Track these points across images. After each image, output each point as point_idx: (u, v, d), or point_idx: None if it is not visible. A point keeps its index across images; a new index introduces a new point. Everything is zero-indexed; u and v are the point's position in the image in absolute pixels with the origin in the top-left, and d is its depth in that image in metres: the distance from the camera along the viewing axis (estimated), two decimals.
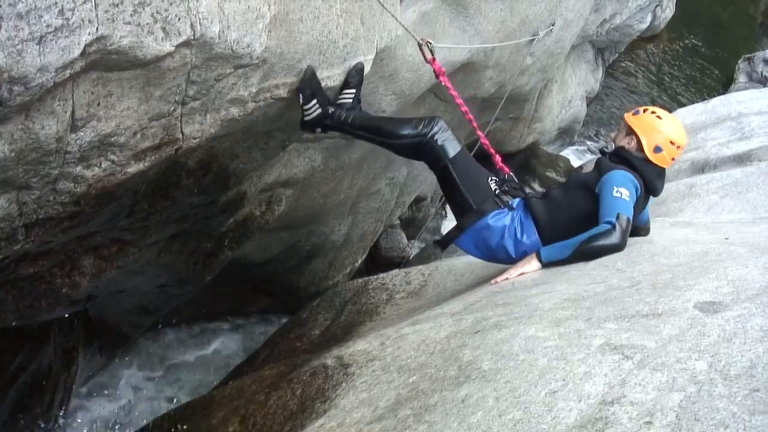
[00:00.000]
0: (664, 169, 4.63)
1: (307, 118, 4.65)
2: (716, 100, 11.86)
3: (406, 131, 4.68)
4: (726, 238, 4.64)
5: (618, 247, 4.15)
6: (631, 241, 4.61)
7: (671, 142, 4.50)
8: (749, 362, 2.35)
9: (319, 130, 4.79)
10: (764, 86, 16.70)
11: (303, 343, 5.66)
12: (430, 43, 5.08)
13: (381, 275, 6.23)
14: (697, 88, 19.28)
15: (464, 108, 5.23)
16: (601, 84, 16.83)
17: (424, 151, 4.69)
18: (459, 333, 3.42)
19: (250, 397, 4.14)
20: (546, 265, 4.26)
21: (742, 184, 7.63)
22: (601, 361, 2.60)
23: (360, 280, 6.32)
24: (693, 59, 20.53)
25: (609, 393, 2.36)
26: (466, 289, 4.65)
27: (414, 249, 10.82)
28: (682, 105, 15.96)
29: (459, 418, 2.61)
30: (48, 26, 2.78)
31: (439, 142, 4.61)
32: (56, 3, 2.76)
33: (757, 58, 19.19)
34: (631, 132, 4.58)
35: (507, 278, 4.23)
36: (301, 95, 4.46)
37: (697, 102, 14.01)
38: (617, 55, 17.79)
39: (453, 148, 4.63)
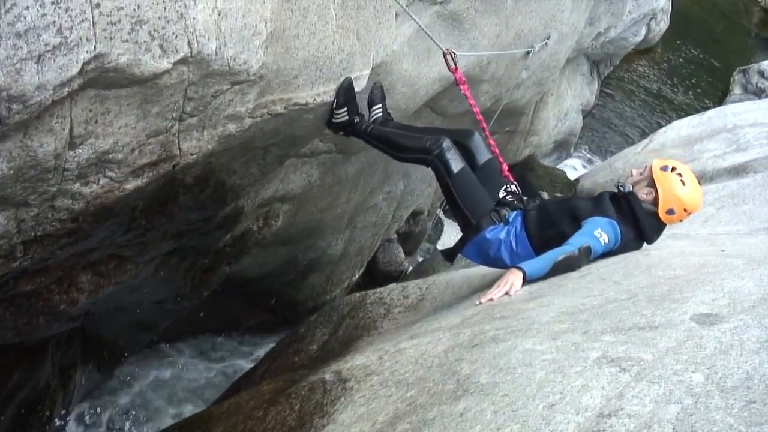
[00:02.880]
0: (665, 224, 4.77)
1: (334, 120, 5.01)
2: (712, 112, 11.86)
3: (414, 147, 5.00)
4: (722, 250, 4.65)
5: (576, 268, 4.37)
6: (628, 253, 4.67)
7: (685, 209, 4.64)
8: (746, 374, 2.36)
9: (342, 133, 5.14)
10: (759, 98, 16.74)
11: (301, 358, 5.65)
12: (454, 54, 5.39)
13: (378, 289, 6.23)
14: (692, 100, 19.33)
15: (480, 117, 5.63)
16: (596, 96, 16.88)
17: (431, 167, 4.98)
18: (457, 347, 3.43)
19: (248, 413, 4.14)
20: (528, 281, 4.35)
21: (738, 196, 7.65)
22: (599, 374, 2.61)
23: (357, 295, 6.32)
24: (688, 71, 20.59)
25: (606, 406, 2.37)
26: (463, 303, 4.66)
27: (411, 263, 10.82)
28: (677, 117, 15.98)
29: None
30: (46, 45, 2.79)
31: (442, 162, 4.87)
32: (54, 22, 2.78)
33: (751, 70, 19.23)
34: (653, 185, 4.65)
35: (491, 299, 4.26)
36: (335, 100, 4.81)
37: (693, 114, 14.03)
38: (612, 67, 17.85)
39: (455, 167, 4.86)
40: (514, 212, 4.84)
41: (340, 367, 3.93)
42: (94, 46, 2.99)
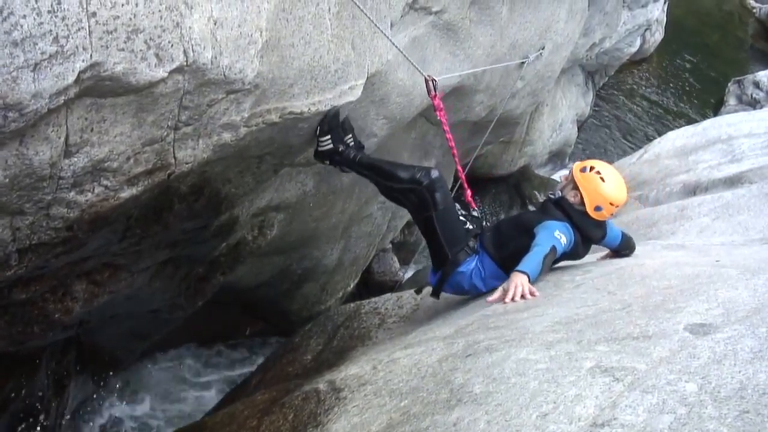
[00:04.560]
0: (604, 222, 5.01)
1: (320, 149, 5.11)
2: (707, 123, 11.89)
3: (405, 176, 5.02)
4: (717, 261, 4.66)
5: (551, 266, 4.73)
6: (621, 263, 4.72)
7: (611, 203, 4.87)
8: (739, 384, 2.36)
9: (328, 162, 5.20)
10: (754, 108, 16.77)
11: (295, 368, 5.65)
12: (435, 81, 5.38)
13: (373, 299, 6.24)
14: (687, 111, 19.36)
15: (452, 143, 5.60)
16: (591, 107, 16.90)
17: (416, 197, 4.99)
18: (451, 356, 3.43)
19: (242, 423, 4.13)
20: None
21: (733, 207, 7.66)
22: (592, 383, 2.61)
23: (352, 305, 6.33)
24: (683, 82, 20.62)
25: (600, 415, 2.37)
26: (457, 313, 4.67)
27: (406, 273, 10.82)
28: (672, 127, 16.02)
29: None
30: (43, 53, 2.80)
31: (431, 194, 4.92)
32: (51, 30, 2.79)
33: (747, 80, 19.26)
34: (576, 187, 4.92)
35: (504, 301, 4.28)
36: (319, 128, 4.90)
37: (688, 124, 14.06)
38: (607, 78, 17.88)
39: (442, 201, 4.95)
40: (477, 240, 5.03)
41: (334, 377, 3.93)
42: (90, 55, 2.99)
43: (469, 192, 5.60)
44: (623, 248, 5.31)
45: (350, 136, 5.23)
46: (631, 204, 9.32)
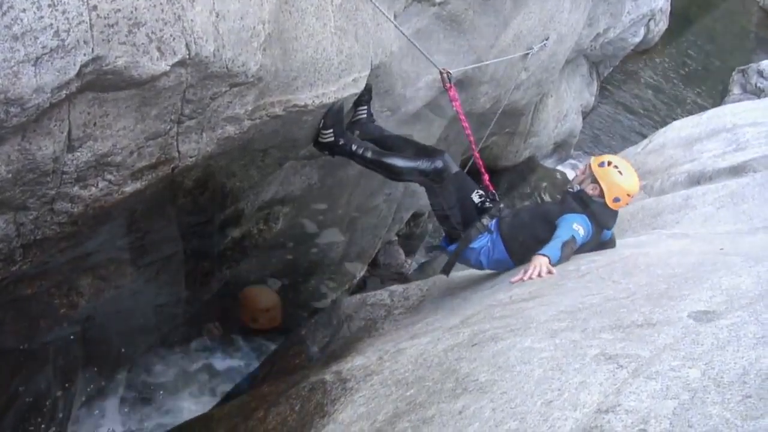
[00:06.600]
0: (617, 211, 5.25)
1: (320, 140, 5.17)
2: (711, 112, 11.87)
3: (408, 169, 5.20)
4: (721, 249, 4.67)
5: (571, 254, 4.89)
6: (626, 252, 4.76)
7: (628, 194, 5.19)
8: (742, 369, 2.37)
9: (327, 152, 5.27)
10: (758, 98, 16.74)
11: (302, 359, 5.66)
12: (450, 73, 5.58)
13: (379, 291, 6.25)
14: (691, 100, 19.34)
15: (468, 131, 5.77)
16: (596, 98, 16.86)
17: (423, 185, 5.31)
18: (456, 346, 3.44)
19: (249, 414, 4.15)
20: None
21: (737, 195, 7.65)
22: (596, 370, 2.62)
23: (359, 296, 6.33)
24: (687, 72, 20.59)
25: (604, 402, 2.38)
26: (464, 303, 4.67)
27: (412, 264, 10.82)
28: (676, 117, 15.98)
29: (456, 430, 2.62)
30: (44, 47, 2.80)
31: (438, 183, 5.18)
32: (51, 24, 2.79)
33: (750, 69, 19.24)
34: (596, 181, 5.19)
35: (526, 279, 4.47)
36: (323, 121, 4.98)
37: (692, 114, 14.03)
38: (612, 68, 17.84)
39: (449, 187, 5.20)
40: (493, 220, 5.23)
41: (341, 368, 3.95)
42: (92, 49, 2.99)
43: (486, 176, 5.78)
44: (610, 243, 5.51)
45: (365, 108, 5.40)
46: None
